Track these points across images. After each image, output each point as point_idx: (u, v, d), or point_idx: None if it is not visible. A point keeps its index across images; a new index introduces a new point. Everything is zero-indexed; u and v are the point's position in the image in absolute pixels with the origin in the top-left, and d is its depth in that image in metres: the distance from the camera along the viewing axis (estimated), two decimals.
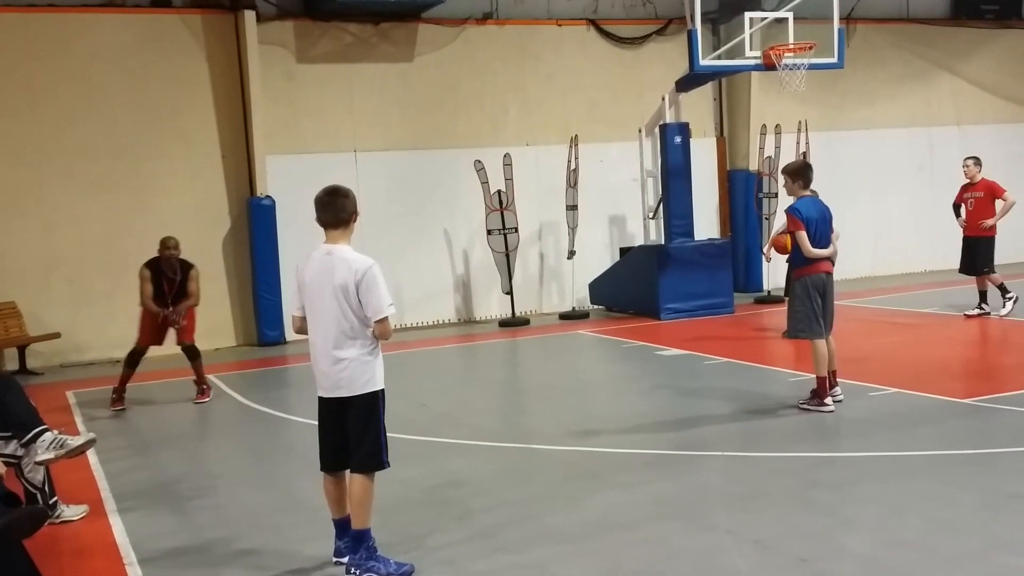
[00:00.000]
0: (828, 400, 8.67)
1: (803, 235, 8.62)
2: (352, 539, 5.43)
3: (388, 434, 5.51)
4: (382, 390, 5.42)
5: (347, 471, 5.51)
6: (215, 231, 14.87)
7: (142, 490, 7.43)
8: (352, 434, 5.40)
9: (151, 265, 10.64)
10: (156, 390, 11.74)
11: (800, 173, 8.86)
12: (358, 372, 5.31)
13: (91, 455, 8.01)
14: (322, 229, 5.63)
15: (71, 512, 6.71)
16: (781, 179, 9.22)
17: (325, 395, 5.43)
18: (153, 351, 11.07)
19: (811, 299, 8.74)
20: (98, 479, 7.70)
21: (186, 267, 10.72)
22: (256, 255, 14.71)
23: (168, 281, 10.62)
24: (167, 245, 10.59)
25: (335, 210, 5.46)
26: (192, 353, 10.88)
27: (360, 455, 5.39)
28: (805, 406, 8.71)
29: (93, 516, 6.77)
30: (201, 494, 7.25)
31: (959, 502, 6.05)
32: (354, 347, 5.30)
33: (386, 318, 5.30)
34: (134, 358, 10.78)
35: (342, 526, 5.58)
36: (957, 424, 8.00)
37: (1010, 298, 12.98)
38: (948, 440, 7.50)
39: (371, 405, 5.37)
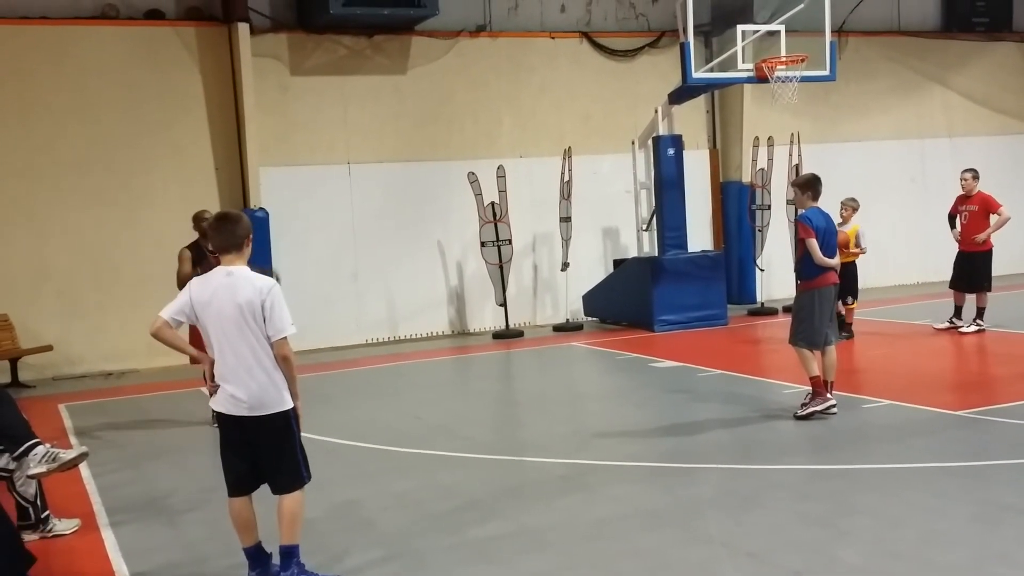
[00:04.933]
0: (828, 396, 8.69)
1: (814, 243, 8.73)
2: (283, 555, 5.31)
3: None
4: (293, 408, 5.31)
5: (252, 494, 5.41)
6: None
7: (134, 504, 7.39)
8: (267, 455, 5.29)
9: (193, 247, 9.74)
10: (148, 403, 11.71)
11: (810, 186, 9.02)
12: (270, 391, 5.21)
13: (83, 468, 7.98)
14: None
15: (63, 526, 6.68)
16: (790, 192, 9.35)
17: (233, 413, 5.25)
18: (147, 359, 10.98)
19: (819, 311, 8.79)
20: (90, 493, 7.67)
21: None
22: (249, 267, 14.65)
23: (215, 257, 9.98)
24: (204, 218, 9.49)
25: (227, 235, 5.37)
26: None
27: (281, 476, 5.30)
28: (805, 412, 8.67)
29: (85, 530, 6.74)
30: (194, 507, 7.22)
31: (952, 514, 6.05)
32: (265, 366, 5.21)
33: (286, 338, 5.23)
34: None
35: (255, 555, 5.43)
36: (950, 436, 8.00)
37: (980, 326, 12.95)
38: (941, 452, 7.50)
39: (285, 424, 5.27)
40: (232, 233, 5.38)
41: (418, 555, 5.89)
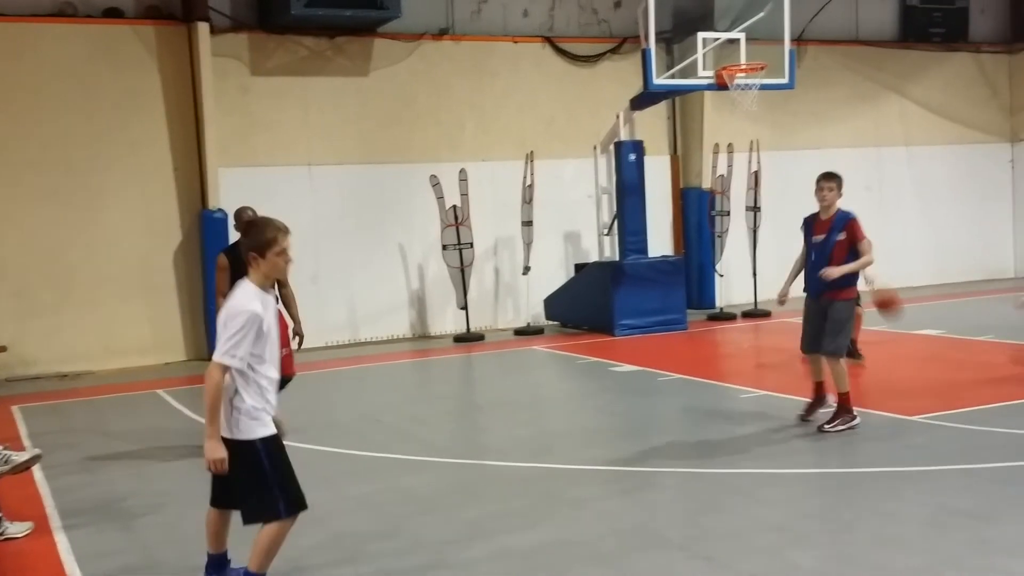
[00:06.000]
0: (854, 412, 8.39)
1: (868, 244, 8.33)
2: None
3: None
4: (263, 439, 4.98)
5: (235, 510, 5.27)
6: (166, 244, 14.70)
7: (89, 507, 7.30)
8: (236, 482, 5.05)
9: (231, 252, 8.55)
10: (104, 406, 11.57)
11: (842, 183, 8.48)
12: (233, 417, 4.98)
13: (36, 471, 7.87)
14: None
15: (15, 529, 6.58)
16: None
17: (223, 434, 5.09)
18: (103, 361, 10.86)
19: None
20: (43, 495, 7.56)
21: None
22: (208, 268, 14.53)
23: None
24: (244, 219, 8.54)
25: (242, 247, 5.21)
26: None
27: (249, 505, 5.09)
28: (835, 429, 8.27)
29: (38, 533, 6.64)
30: (150, 511, 7.15)
31: (906, 518, 6.13)
32: (230, 388, 4.97)
33: (215, 365, 4.85)
34: None
35: (216, 562, 5.36)
36: (904, 441, 8.09)
37: None
38: (896, 457, 7.59)
39: (250, 455, 4.99)
40: (243, 246, 5.14)
41: (375, 559, 5.87)
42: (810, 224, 8.64)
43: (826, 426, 8.36)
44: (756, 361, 13.47)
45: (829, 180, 8.46)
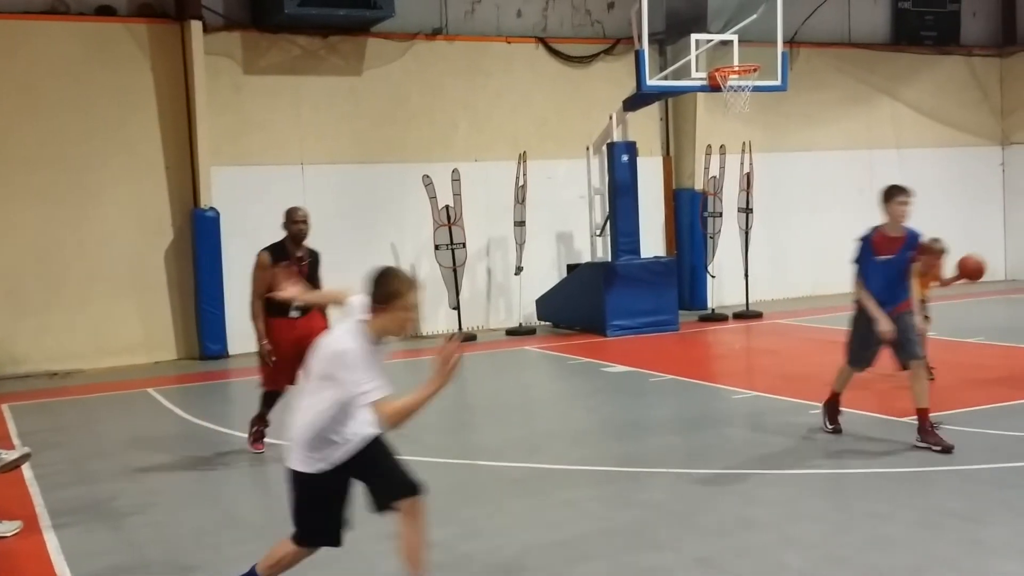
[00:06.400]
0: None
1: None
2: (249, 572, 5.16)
3: None
4: (300, 473, 4.94)
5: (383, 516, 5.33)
6: (157, 242, 14.66)
7: (79, 506, 7.27)
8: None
9: (274, 250, 8.21)
10: (94, 404, 11.54)
11: None
12: (303, 443, 4.99)
13: (26, 470, 7.83)
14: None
15: (4, 528, 6.56)
16: (909, 200, 7.94)
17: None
18: (94, 360, 10.81)
19: None
20: (33, 494, 7.53)
21: (314, 254, 8.36)
22: (199, 267, 14.53)
23: (298, 265, 8.16)
24: (295, 218, 8.26)
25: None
26: None
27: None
28: (931, 446, 7.74)
29: (27, 532, 6.61)
30: (140, 510, 7.12)
31: (898, 519, 6.14)
32: (326, 416, 5.03)
33: (370, 408, 4.90)
34: (269, 399, 8.29)
35: None
36: (896, 442, 8.11)
37: None
38: (887, 458, 7.61)
39: (290, 478, 5.00)
40: (369, 295, 4.85)
41: (368, 559, 5.86)
42: (871, 241, 8.02)
43: (927, 444, 7.78)
44: (748, 362, 13.49)
45: (909, 195, 7.77)
